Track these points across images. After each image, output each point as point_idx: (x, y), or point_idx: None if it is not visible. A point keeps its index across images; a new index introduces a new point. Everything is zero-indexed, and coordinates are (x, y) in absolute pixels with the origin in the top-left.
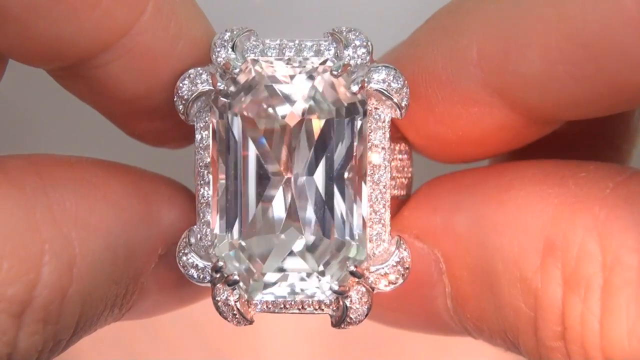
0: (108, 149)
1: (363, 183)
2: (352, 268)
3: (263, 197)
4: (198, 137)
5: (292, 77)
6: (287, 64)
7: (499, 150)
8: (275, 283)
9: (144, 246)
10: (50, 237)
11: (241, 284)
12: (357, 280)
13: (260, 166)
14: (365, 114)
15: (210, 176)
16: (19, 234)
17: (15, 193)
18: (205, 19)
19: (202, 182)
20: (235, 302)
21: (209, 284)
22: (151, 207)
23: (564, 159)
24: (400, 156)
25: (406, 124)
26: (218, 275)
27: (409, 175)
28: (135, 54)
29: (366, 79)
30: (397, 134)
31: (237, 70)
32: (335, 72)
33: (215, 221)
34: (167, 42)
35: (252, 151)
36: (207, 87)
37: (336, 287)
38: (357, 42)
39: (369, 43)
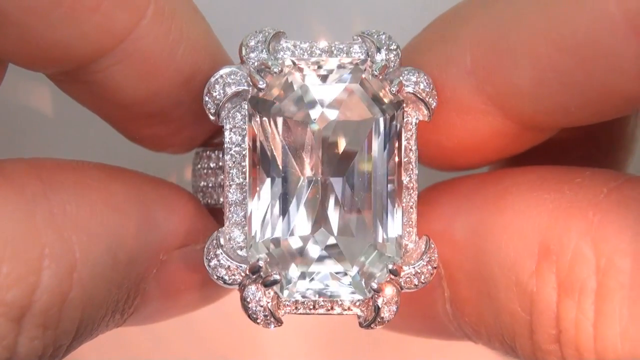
0: (109, 153)
1: (397, 184)
2: (392, 266)
3: (298, 199)
4: (227, 137)
5: (326, 78)
6: (321, 65)
7: (494, 157)
8: (307, 282)
9: (146, 251)
10: (50, 241)
11: (278, 284)
12: (390, 279)
13: (295, 168)
14: (402, 115)
15: (241, 176)
16: (19, 237)
17: (15, 197)
18: (205, 24)
19: (231, 182)
20: (268, 303)
21: (236, 287)
22: (153, 211)
23: (561, 166)
24: None
25: None
26: (254, 276)
27: None
28: (136, 58)
29: (403, 81)
30: None
31: (276, 70)
32: (375, 73)
33: (251, 222)
34: (168, 47)
35: (287, 153)
36: (241, 87)
37: (375, 286)
38: (389, 45)
39: (399, 46)
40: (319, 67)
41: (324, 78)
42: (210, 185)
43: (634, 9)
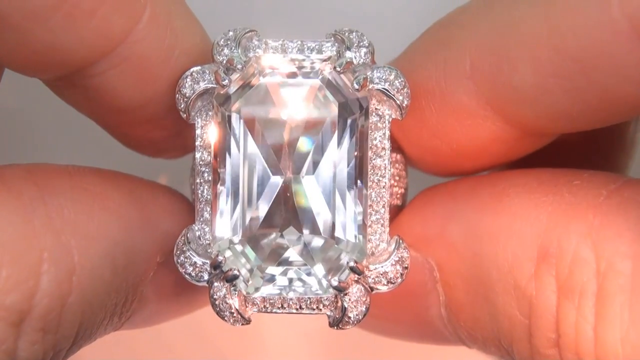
0: (106, 157)
1: (363, 183)
2: (352, 264)
3: (262, 196)
4: (198, 135)
5: (293, 75)
6: (289, 63)
7: (494, 163)
8: (274, 280)
9: (143, 254)
10: (49, 246)
11: (240, 281)
12: (356, 279)
13: (260, 165)
14: (367, 113)
15: (211, 175)
16: (17, 242)
17: (13, 202)
18: (200, 28)
19: (201, 180)
20: (233, 300)
21: (205, 283)
22: (149, 215)
23: (559, 168)
24: (397, 165)
25: (402, 138)
26: (217, 272)
27: (404, 185)
28: (132, 62)
29: (368, 78)
30: (394, 144)
31: (240, 66)
32: (338, 69)
33: (215, 219)
34: (163, 51)
35: (253, 150)
36: (209, 85)
37: (336, 283)
38: (359, 43)
39: (371, 44)
40: (287, 64)
41: (291, 75)
42: None
43: (636, 14)
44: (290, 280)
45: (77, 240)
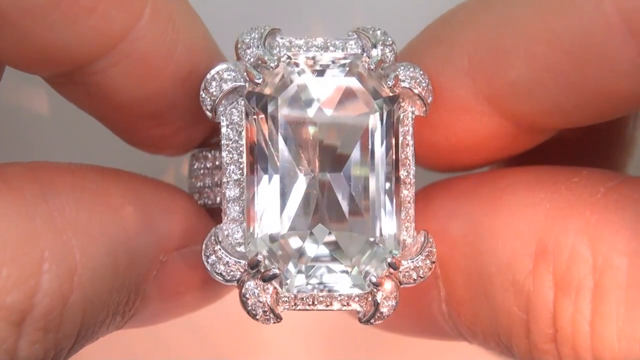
0: (108, 155)
1: (395, 179)
2: (390, 260)
3: (293, 194)
4: (224, 134)
5: (323, 73)
6: (320, 61)
7: (492, 158)
8: (306, 278)
9: (145, 253)
10: (50, 245)
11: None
12: (389, 274)
13: (289, 163)
14: (399, 109)
15: (238, 173)
16: (18, 241)
17: (15, 200)
18: (202, 25)
19: (228, 179)
20: (267, 298)
21: (234, 283)
22: (152, 213)
23: (558, 166)
24: None
25: None
26: (254, 271)
27: None
28: (133, 59)
29: (399, 75)
30: None
31: (273, 65)
32: (372, 67)
33: (250, 218)
34: (165, 48)
35: (284, 148)
36: (238, 83)
37: (375, 279)
38: (385, 41)
39: (394, 41)
40: (315, 62)
41: (320, 73)
42: (207, 185)
43: (629, 9)
44: (322, 277)
45: (79, 239)
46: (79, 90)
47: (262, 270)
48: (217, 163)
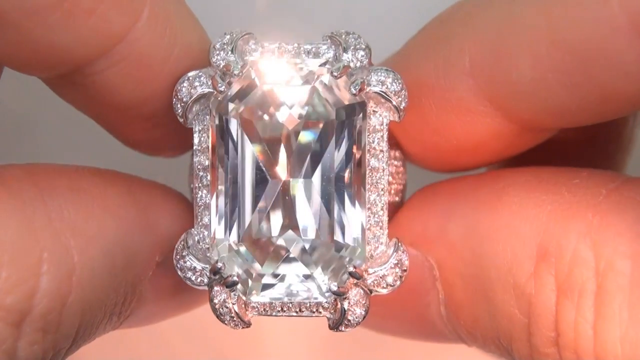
0: (104, 157)
1: (361, 186)
2: (351, 269)
3: (261, 200)
4: (196, 140)
5: (290, 79)
6: (286, 66)
7: (493, 159)
8: (273, 285)
9: (142, 253)
10: (48, 246)
11: (239, 285)
12: (355, 282)
13: (258, 169)
14: (364, 116)
15: (209, 179)
16: (17, 242)
17: (13, 202)
18: (199, 27)
19: (200, 185)
20: (233, 304)
21: (206, 287)
22: (148, 214)
23: (559, 167)
24: (395, 162)
25: (401, 134)
26: (217, 277)
27: (403, 181)
28: (131, 61)
29: (366, 81)
30: (392, 140)
31: (237, 72)
32: (335, 74)
33: (214, 224)
34: (163, 49)
35: (250, 154)
36: (206, 90)
37: (335, 288)
38: (356, 45)
39: (368, 46)
40: (284, 67)
41: (288, 79)
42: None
43: (636, 10)
44: (290, 284)
45: (77, 241)
46: (77, 92)
47: (224, 277)
48: None
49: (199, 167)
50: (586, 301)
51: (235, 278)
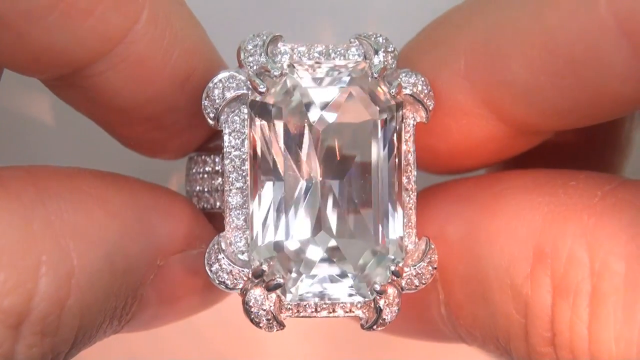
0: (105, 160)
1: (399, 186)
2: (394, 268)
3: (298, 202)
4: (227, 142)
5: (325, 80)
6: (320, 68)
7: (489, 161)
8: (309, 285)
9: (143, 257)
10: (47, 249)
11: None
12: (391, 281)
13: (292, 170)
14: (402, 116)
15: (241, 181)
16: (16, 245)
17: (12, 204)
18: (200, 28)
19: (231, 187)
20: (271, 306)
21: (238, 291)
22: (149, 217)
23: (555, 169)
24: None
25: None
26: (258, 280)
27: None
28: (130, 62)
29: (402, 83)
30: None
31: (277, 73)
32: (375, 75)
33: (253, 226)
34: (162, 51)
35: (287, 156)
36: (241, 91)
37: (379, 287)
38: (387, 47)
39: (395, 48)
40: (317, 69)
41: (322, 81)
42: (205, 189)
43: (624, 11)
44: (325, 285)
45: (76, 244)
46: (77, 93)
47: (267, 280)
48: (216, 168)
49: (229, 169)
50: (581, 301)
51: (280, 280)
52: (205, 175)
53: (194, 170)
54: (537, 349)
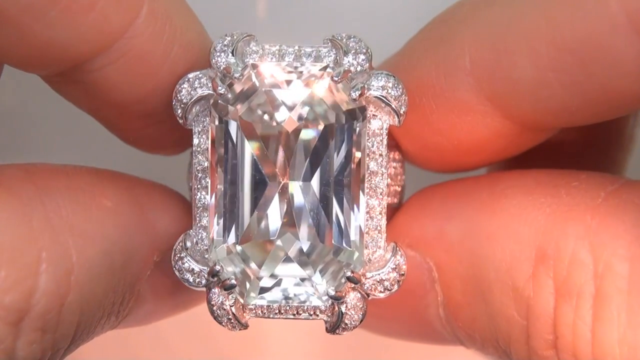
0: (103, 156)
1: (360, 189)
2: (349, 274)
3: (259, 202)
4: (196, 141)
5: (290, 82)
6: (286, 69)
7: (493, 158)
8: (270, 288)
9: (140, 253)
10: (47, 245)
11: (237, 288)
12: (352, 286)
13: (257, 171)
14: (364, 120)
15: (208, 180)
16: (15, 242)
17: (11, 201)
18: (199, 24)
19: (199, 186)
20: (231, 306)
21: (204, 289)
22: (146, 214)
23: (559, 168)
24: (393, 164)
25: (402, 134)
26: (214, 279)
27: (402, 183)
28: (130, 57)
29: (366, 86)
30: (391, 142)
31: (237, 75)
32: (336, 78)
33: (212, 225)
34: (162, 46)
35: (249, 156)
36: (206, 91)
37: (333, 293)
38: (357, 49)
39: (369, 50)
40: (283, 70)
41: (288, 82)
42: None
43: (636, 8)
44: (287, 287)
45: (75, 240)
46: (77, 89)
47: (222, 280)
48: None
49: (198, 168)
50: (584, 304)
51: (233, 281)
52: None
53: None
54: (538, 352)
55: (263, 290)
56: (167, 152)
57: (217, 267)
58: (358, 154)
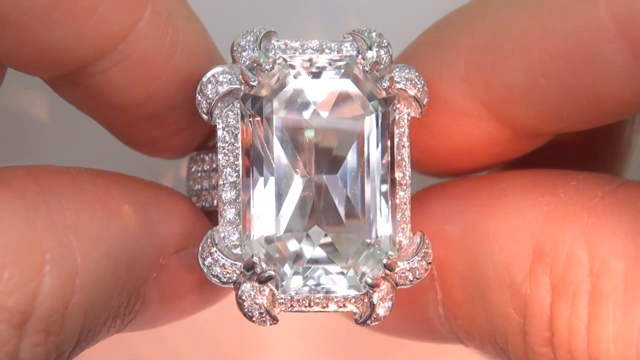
0: (108, 159)
1: (390, 181)
2: (386, 260)
3: (291, 196)
4: (221, 136)
5: (320, 75)
6: (315, 63)
7: (488, 163)
8: (302, 280)
9: (145, 255)
10: (51, 247)
11: (273, 280)
12: (385, 275)
13: (288, 164)
14: (395, 111)
15: (235, 176)
16: (19, 243)
17: (16, 203)
18: (202, 27)
19: (224, 181)
20: (263, 300)
21: (231, 285)
22: (151, 216)
23: (556, 169)
24: None
25: None
26: (249, 273)
27: None
28: (133, 60)
29: (394, 77)
30: None
31: (268, 67)
32: (367, 69)
33: (246, 221)
34: (165, 49)
35: (280, 151)
36: (233, 86)
37: (370, 281)
38: (380, 43)
39: (389, 43)
40: (311, 64)
41: (316, 75)
42: (204, 188)
43: (623, 13)
44: (318, 279)
45: (79, 242)
46: (79, 92)
47: (258, 272)
48: (214, 166)
49: (223, 164)
50: (580, 301)
51: (271, 272)
52: (204, 174)
53: (193, 169)
54: (535, 349)
55: (294, 282)
56: (168, 155)
57: (255, 260)
58: (388, 144)
